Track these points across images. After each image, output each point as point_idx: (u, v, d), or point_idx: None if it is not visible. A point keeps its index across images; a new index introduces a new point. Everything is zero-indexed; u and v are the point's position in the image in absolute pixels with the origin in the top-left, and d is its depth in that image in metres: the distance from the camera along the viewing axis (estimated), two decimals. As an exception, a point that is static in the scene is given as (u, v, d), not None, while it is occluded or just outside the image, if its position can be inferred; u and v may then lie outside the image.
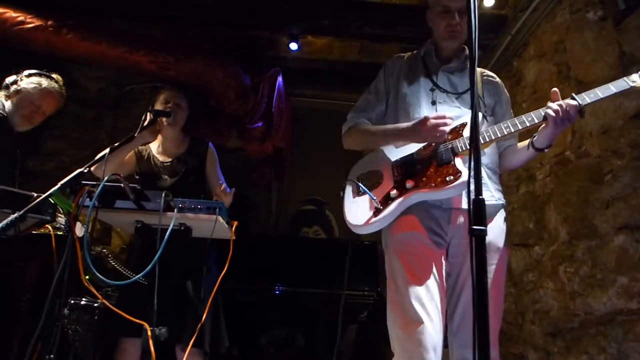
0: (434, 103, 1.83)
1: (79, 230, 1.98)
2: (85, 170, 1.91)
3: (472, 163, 1.13)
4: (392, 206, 1.71)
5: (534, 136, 1.71)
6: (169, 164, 2.67)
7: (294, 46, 3.94)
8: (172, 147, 2.70)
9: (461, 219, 1.70)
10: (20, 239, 2.31)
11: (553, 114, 1.58)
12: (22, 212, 1.68)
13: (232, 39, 4.24)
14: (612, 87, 1.56)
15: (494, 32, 3.85)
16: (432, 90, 1.86)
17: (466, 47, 1.92)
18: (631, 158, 2.36)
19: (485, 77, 1.95)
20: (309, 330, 3.76)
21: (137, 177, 2.69)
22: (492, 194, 1.75)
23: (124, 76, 4.54)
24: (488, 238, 1.63)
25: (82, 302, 3.03)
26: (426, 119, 1.68)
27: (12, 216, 1.67)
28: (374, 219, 1.72)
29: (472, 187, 1.17)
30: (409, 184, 1.71)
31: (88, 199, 1.95)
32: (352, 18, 3.74)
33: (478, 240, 1.13)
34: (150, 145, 2.70)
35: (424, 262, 1.65)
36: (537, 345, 3.03)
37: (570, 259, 2.77)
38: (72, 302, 3.01)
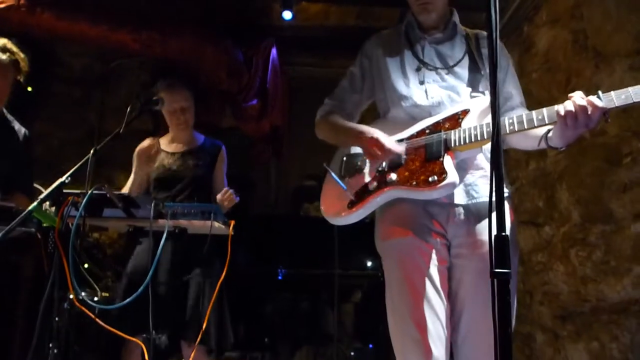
0: (422, 83, 1.61)
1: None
2: (67, 180, 1.76)
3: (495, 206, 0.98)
4: (368, 201, 1.53)
5: (549, 131, 1.43)
6: (179, 154, 2.58)
7: (287, 15, 3.67)
8: (184, 140, 2.65)
9: (462, 216, 1.52)
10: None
11: (566, 116, 1.29)
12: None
13: (222, 8, 3.96)
14: None
15: (502, -6, 3.57)
16: (418, 69, 1.63)
17: (454, 10, 1.70)
18: (654, 141, 2.21)
19: (482, 41, 1.67)
20: (311, 310, 3.74)
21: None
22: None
23: (109, 50, 4.29)
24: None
25: (81, 297, 2.99)
26: (374, 141, 1.52)
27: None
28: (347, 213, 1.56)
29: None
30: (391, 176, 1.51)
31: (74, 209, 1.84)
32: (350, -17, 3.46)
33: (501, 284, 1.00)
34: (160, 140, 2.65)
35: (424, 273, 1.48)
36: (545, 326, 2.99)
37: (582, 242, 2.67)
38: (71, 297, 2.97)
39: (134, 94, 4.42)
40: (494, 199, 1.02)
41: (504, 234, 1.03)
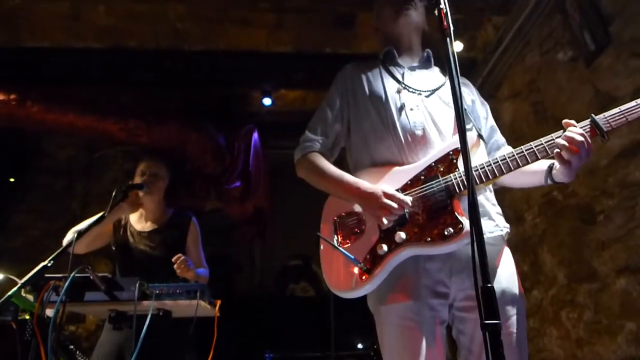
0: (402, 107, 1.55)
1: (50, 312, 1.80)
2: (49, 264, 1.74)
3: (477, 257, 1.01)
4: (382, 267, 1.39)
5: (552, 166, 1.40)
6: (146, 233, 2.53)
7: (267, 101, 3.89)
8: (152, 217, 2.58)
9: (464, 265, 1.41)
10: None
11: (569, 160, 1.28)
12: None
13: (204, 98, 4.18)
14: None
15: (465, 75, 3.87)
16: (398, 92, 1.59)
17: (429, 50, 1.71)
18: (622, 198, 2.32)
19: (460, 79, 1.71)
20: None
21: (113, 248, 2.53)
22: (495, 223, 1.47)
23: (96, 139, 4.41)
24: (501, 285, 1.40)
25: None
26: (379, 195, 1.41)
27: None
28: (361, 284, 1.41)
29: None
30: (400, 235, 1.39)
31: (54, 294, 1.79)
32: (325, 70, 3.71)
33: (493, 336, 1.00)
34: (130, 215, 2.58)
35: (426, 338, 1.41)
36: (547, 397, 2.88)
37: (571, 303, 2.67)
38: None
39: (117, 182, 4.48)
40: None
41: (489, 285, 1.05)
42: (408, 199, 1.42)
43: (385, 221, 1.41)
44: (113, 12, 3.33)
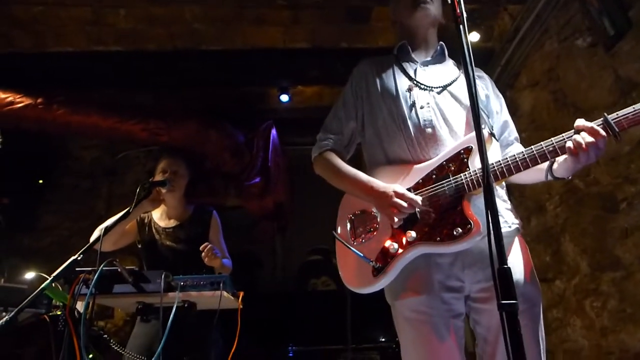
0: (412, 106, 1.57)
1: (80, 306, 1.88)
2: (79, 258, 1.81)
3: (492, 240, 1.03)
4: (393, 265, 1.44)
5: (553, 162, 1.40)
6: (170, 230, 2.60)
7: (284, 98, 3.93)
8: (174, 213, 2.64)
9: (476, 257, 1.43)
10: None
11: (579, 153, 1.27)
12: (12, 314, 1.57)
13: (222, 96, 4.24)
14: None
15: (482, 65, 3.84)
16: (409, 89, 1.59)
17: (444, 44, 1.70)
18: (645, 184, 2.28)
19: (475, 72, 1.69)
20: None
21: (139, 245, 2.61)
22: (504, 219, 1.48)
23: (119, 140, 4.52)
24: (513, 277, 1.28)
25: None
26: (390, 195, 1.43)
27: (4, 319, 1.56)
28: (373, 282, 1.46)
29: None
30: (411, 234, 1.42)
31: (84, 287, 1.86)
32: (340, 65, 3.74)
33: (510, 316, 1.01)
34: (152, 212, 2.64)
35: (440, 332, 1.43)
36: (572, 387, 2.85)
37: (595, 292, 2.64)
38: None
39: (140, 181, 4.58)
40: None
41: (505, 266, 1.06)
42: (418, 199, 1.44)
43: (395, 219, 1.45)
44: (132, 16, 3.42)
